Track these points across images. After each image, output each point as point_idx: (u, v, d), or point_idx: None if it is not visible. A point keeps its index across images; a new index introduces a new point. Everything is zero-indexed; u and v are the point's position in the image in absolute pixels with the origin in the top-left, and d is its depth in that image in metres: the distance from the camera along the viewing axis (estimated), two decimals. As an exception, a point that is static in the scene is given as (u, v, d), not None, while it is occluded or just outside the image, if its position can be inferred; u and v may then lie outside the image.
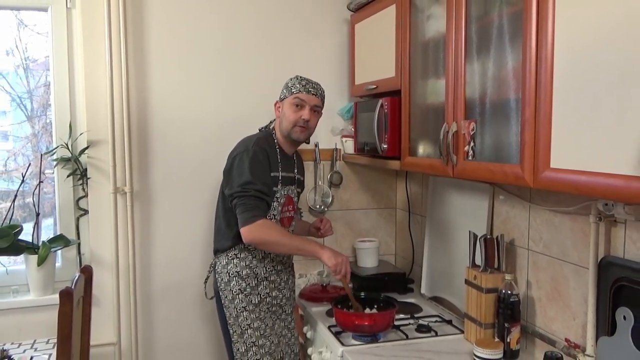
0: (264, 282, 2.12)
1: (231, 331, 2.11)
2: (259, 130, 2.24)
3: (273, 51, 2.68)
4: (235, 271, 2.10)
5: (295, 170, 2.24)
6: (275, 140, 2.16)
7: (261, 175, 2.03)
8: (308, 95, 2.11)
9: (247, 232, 1.98)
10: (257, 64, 2.66)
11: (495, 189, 2.05)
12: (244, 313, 2.09)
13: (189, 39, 2.57)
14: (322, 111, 2.21)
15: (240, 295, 2.09)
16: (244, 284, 2.10)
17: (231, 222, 2.10)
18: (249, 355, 2.08)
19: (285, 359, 2.17)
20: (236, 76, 2.65)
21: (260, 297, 2.11)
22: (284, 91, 2.15)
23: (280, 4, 2.68)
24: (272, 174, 2.08)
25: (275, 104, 2.19)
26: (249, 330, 2.08)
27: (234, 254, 2.12)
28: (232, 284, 2.10)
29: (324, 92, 2.18)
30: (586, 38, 1.22)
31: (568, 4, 1.28)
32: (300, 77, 2.15)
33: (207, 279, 2.29)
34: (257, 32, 2.66)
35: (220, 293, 2.14)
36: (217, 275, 2.16)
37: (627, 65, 1.12)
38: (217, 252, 2.18)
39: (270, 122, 2.24)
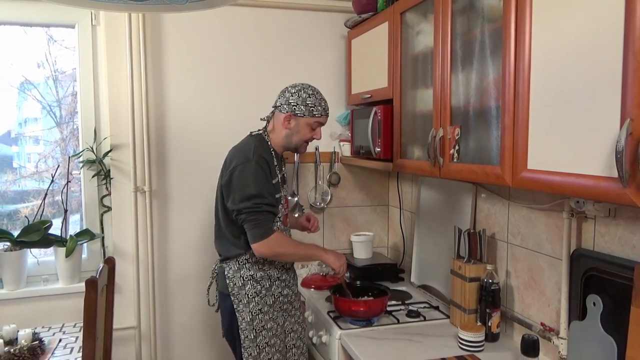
0: (277, 282, 1.97)
1: (242, 336, 1.91)
2: (251, 134, 2.02)
3: (277, 64, 2.68)
4: (250, 275, 1.93)
5: (284, 169, 2.06)
6: (269, 143, 1.96)
7: (267, 187, 1.85)
8: (326, 118, 1.97)
9: (261, 247, 1.82)
10: (263, 77, 2.66)
11: (478, 188, 2.05)
12: (260, 315, 1.92)
13: (202, 54, 2.57)
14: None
15: (256, 298, 1.92)
16: (259, 287, 1.93)
17: (237, 233, 1.92)
18: (261, 357, 1.92)
19: (290, 352, 2.04)
20: (243, 87, 2.64)
21: (274, 297, 1.96)
22: (302, 108, 1.89)
23: (283, 23, 2.67)
24: (273, 181, 1.90)
25: (286, 115, 1.92)
26: (263, 332, 1.92)
27: (246, 258, 1.93)
28: (247, 288, 1.92)
29: None
30: (559, 52, 1.22)
31: (543, 21, 1.28)
32: (317, 95, 1.93)
33: (210, 285, 2.13)
34: (263, 48, 2.66)
35: (233, 298, 1.93)
36: (228, 281, 1.94)
37: (595, 77, 1.12)
38: (225, 259, 1.98)
39: (265, 127, 2.02)
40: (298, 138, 1.95)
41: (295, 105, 1.91)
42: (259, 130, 2.03)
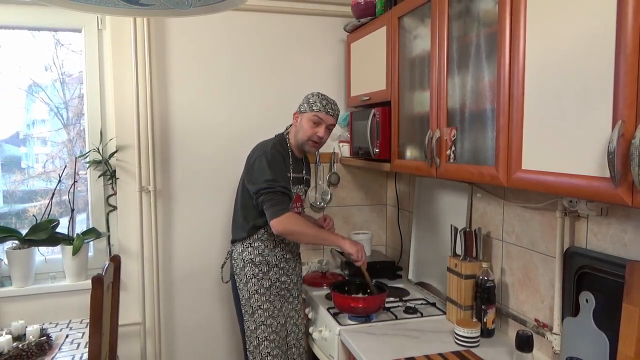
0: (275, 269, 2.11)
1: (243, 311, 2.10)
2: (275, 136, 2.20)
3: (279, 67, 2.68)
4: (250, 258, 2.09)
5: (304, 171, 2.21)
6: (288, 145, 2.14)
7: (281, 174, 2.01)
8: (326, 116, 2.05)
9: (277, 224, 1.92)
10: (265, 80, 2.66)
11: (474, 188, 2.05)
12: (256, 295, 2.08)
13: (205, 57, 2.57)
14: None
15: (253, 280, 2.08)
16: (256, 270, 2.09)
17: (247, 217, 2.09)
18: (257, 332, 2.07)
19: (290, 337, 2.18)
20: (246, 90, 2.64)
21: (271, 282, 2.10)
22: (305, 105, 2.08)
23: (285, 27, 2.67)
24: (287, 174, 2.06)
25: (294, 114, 2.14)
26: (259, 311, 2.07)
27: (249, 243, 2.10)
28: (246, 270, 2.09)
29: (339, 111, 2.14)
30: (553, 56, 1.22)
31: (538, 26, 1.28)
32: (322, 95, 2.09)
33: (223, 264, 2.29)
34: (265, 51, 2.66)
35: (236, 277, 2.12)
36: (233, 262, 2.14)
37: (587, 79, 1.12)
38: (234, 241, 2.17)
39: (286, 129, 2.21)
40: (302, 133, 2.08)
41: (301, 105, 2.12)
42: (282, 133, 2.22)
